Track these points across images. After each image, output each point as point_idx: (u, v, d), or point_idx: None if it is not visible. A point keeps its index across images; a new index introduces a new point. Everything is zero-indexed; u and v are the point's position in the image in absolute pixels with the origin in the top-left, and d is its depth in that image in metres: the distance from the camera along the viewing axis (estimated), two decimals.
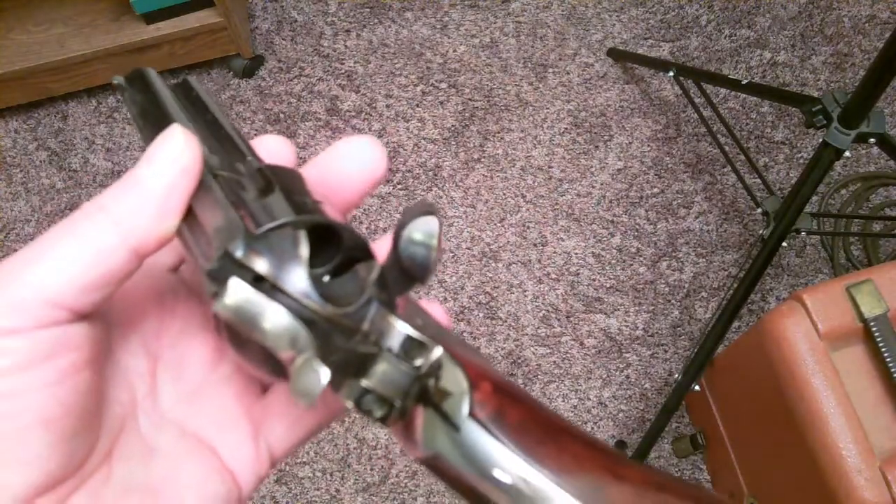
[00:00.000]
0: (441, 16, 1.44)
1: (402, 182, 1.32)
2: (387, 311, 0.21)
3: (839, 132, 0.92)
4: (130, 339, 0.24)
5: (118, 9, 1.31)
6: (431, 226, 0.20)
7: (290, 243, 0.20)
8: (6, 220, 1.36)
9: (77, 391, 0.20)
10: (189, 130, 0.22)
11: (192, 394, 0.25)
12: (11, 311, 0.19)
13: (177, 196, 0.21)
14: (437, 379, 0.21)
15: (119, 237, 0.20)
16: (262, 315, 0.20)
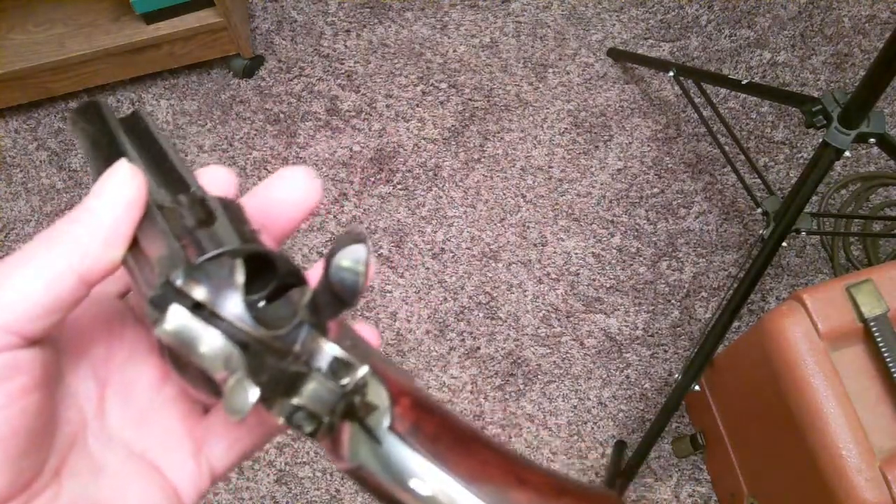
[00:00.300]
0: (441, 16, 1.44)
1: (402, 182, 1.32)
2: (317, 333, 0.23)
3: (839, 132, 0.92)
4: (80, 364, 0.25)
5: (118, 9, 1.31)
6: (360, 253, 0.22)
7: (227, 271, 0.22)
8: (6, 220, 1.36)
9: (26, 413, 0.21)
10: (136, 163, 0.24)
11: (139, 415, 0.26)
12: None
13: (123, 227, 0.23)
14: (363, 396, 0.22)
15: (68, 265, 0.22)
16: (198, 339, 0.21)
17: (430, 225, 1.29)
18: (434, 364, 1.20)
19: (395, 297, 1.24)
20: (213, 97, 1.41)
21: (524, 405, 1.17)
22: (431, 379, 1.19)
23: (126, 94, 1.43)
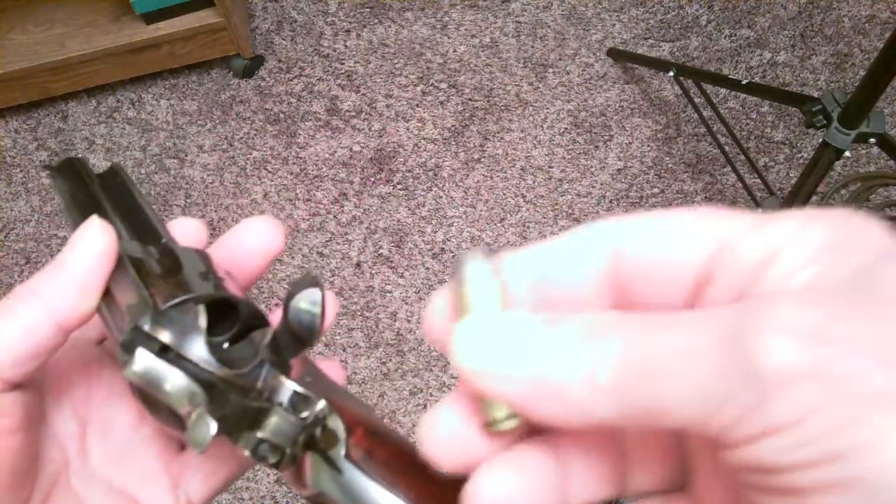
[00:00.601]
0: (441, 16, 1.44)
1: (402, 182, 1.32)
2: (277, 371, 0.24)
3: (839, 132, 0.92)
4: (62, 405, 0.27)
5: (118, 9, 1.31)
6: (315, 296, 0.24)
7: (191, 316, 0.24)
8: (6, 220, 1.36)
9: (10, 452, 0.23)
10: (109, 218, 0.26)
11: (118, 453, 0.28)
12: None
13: (95, 278, 0.24)
14: (323, 428, 0.24)
15: (46, 314, 0.23)
16: (163, 379, 0.23)
17: (430, 225, 1.29)
18: (434, 364, 1.20)
19: (395, 297, 1.24)
20: (213, 97, 1.41)
21: None
22: (431, 379, 1.19)
23: (126, 94, 1.43)
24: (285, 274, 1.28)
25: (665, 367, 0.15)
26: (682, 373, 0.15)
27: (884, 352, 0.13)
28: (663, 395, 0.15)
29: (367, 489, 0.23)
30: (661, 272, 0.17)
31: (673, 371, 0.15)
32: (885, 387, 0.13)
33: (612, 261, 0.18)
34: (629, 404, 0.15)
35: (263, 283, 1.27)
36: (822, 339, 0.14)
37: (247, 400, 0.24)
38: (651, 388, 0.15)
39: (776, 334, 0.14)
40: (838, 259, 0.15)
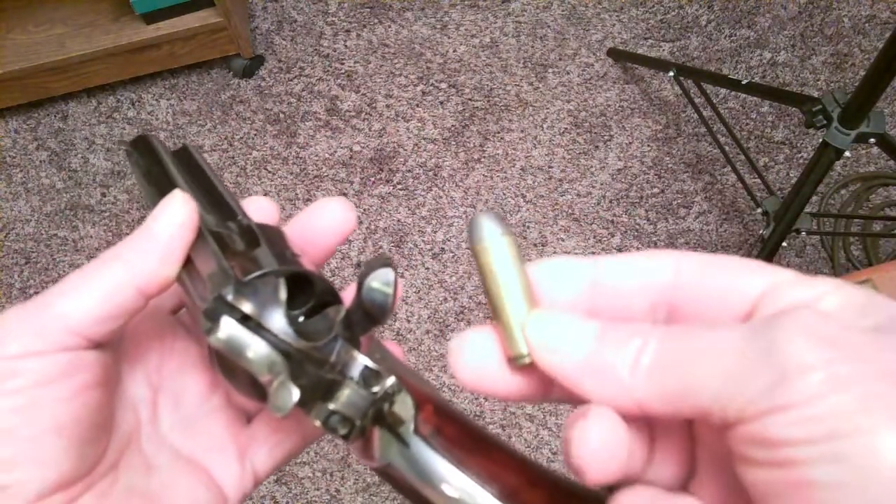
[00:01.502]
0: (441, 16, 1.44)
1: (402, 182, 1.32)
2: (350, 346, 0.25)
3: (839, 132, 0.92)
4: (136, 371, 0.29)
5: (118, 9, 1.31)
6: (389, 276, 0.25)
7: (271, 289, 0.25)
8: (6, 220, 1.36)
9: (87, 406, 0.24)
10: (188, 192, 0.27)
11: (188, 421, 0.30)
12: (38, 337, 0.24)
13: (177, 246, 0.26)
14: (391, 403, 0.25)
15: (129, 278, 0.25)
16: (247, 347, 0.24)
17: (430, 225, 1.29)
18: (434, 364, 1.20)
19: None
20: (213, 97, 1.41)
21: (524, 405, 1.17)
22: (431, 378, 1.19)
23: (126, 94, 1.43)
24: None
25: (700, 354, 0.19)
26: (713, 358, 0.18)
27: (884, 365, 0.17)
28: (695, 376, 0.18)
29: (434, 464, 0.23)
30: (714, 303, 0.21)
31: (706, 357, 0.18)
32: (880, 390, 0.16)
33: (670, 284, 0.21)
34: (664, 385, 0.19)
35: None
36: (836, 346, 0.17)
37: (321, 372, 0.25)
38: (685, 371, 0.19)
39: (800, 333, 0.17)
40: (865, 311, 0.18)
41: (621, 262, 0.22)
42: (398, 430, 0.24)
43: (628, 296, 0.22)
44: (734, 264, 0.21)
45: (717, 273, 0.21)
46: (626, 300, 0.22)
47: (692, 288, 0.21)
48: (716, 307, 0.20)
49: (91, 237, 1.34)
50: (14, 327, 0.24)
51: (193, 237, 0.26)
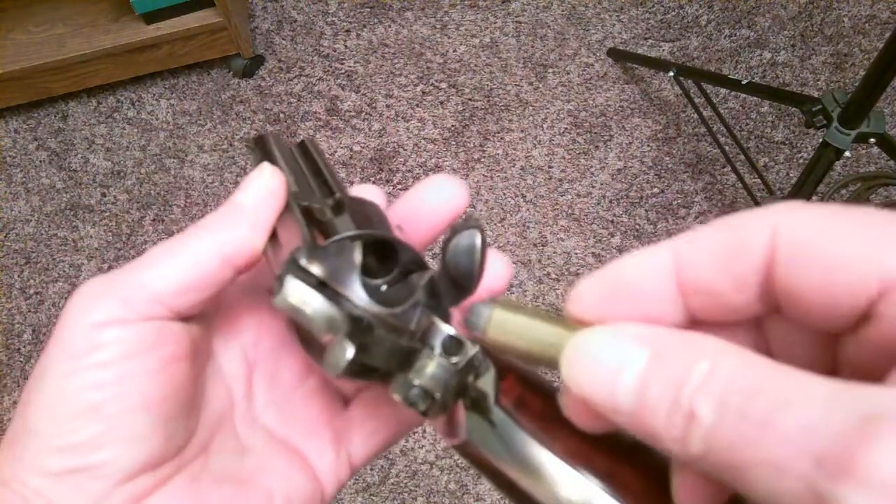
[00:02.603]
0: (441, 16, 1.44)
1: (402, 182, 1.32)
2: (431, 313, 0.24)
3: (839, 132, 0.92)
4: (231, 346, 0.28)
5: (118, 9, 1.31)
6: (475, 239, 0.23)
7: (347, 253, 0.24)
8: (6, 220, 1.36)
9: (175, 379, 0.24)
10: (286, 171, 0.27)
11: (282, 402, 0.28)
12: (122, 305, 0.23)
13: (263, 215, 0.25)
14: (475, 375, 0.23)
15: (215, 247, 0.24)
16: (306, 304, 0.23)
17: None
18: None
19: None
20: (213, 97, 1.41)
21: None
22: None
23: (126, 94, 1.43)
24: None
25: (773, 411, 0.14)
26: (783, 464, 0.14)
27: None
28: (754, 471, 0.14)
29: (519, 442, 0.22)
30: (815, 303, 0.16)
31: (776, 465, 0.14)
32: None
33: (765, 254, 0.16)
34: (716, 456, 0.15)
35: None
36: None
37: (400, 340, 0.23)
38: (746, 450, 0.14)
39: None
40: None
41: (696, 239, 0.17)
42: (482, 404, 0.22)
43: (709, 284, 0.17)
44: (859, 226, 0.15)
45: (833, 241, 0.15)
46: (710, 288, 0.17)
47: (798, 257, 0.15)
48: (833, 286, 0.15)
49: (91, 237, 1.34)
50: (97, 295, 0.23)
51: (280, 207, 0.26)
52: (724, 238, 0.17)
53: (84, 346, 0.22)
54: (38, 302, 1.31)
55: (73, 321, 0.23)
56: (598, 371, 0.17)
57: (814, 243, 0.15)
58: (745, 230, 0.16)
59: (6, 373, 1.27)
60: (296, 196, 0.26)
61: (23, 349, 1.28)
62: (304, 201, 0.26)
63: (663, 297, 0.17)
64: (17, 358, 1.28)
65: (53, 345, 0.23)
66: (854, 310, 0.15)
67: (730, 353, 0.15)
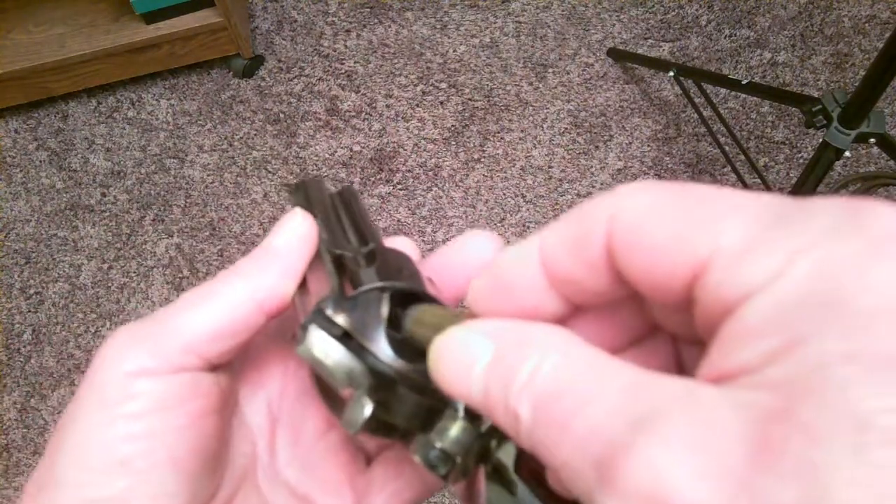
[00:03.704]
0: (441, 16, 1.44)
1: (402, 182, 1.32)
2: None
3: (839, 132, 0.92)
4: (256, 397, 0.27)
5: (118, 9, 1.31)
6: None
7: (375, 305, 0.23)
8: (6, 220, 1.36)
9: (204, 435, 0.23)
10: (322, 219, 0.27)
11: (305, 457, 0.28)
12: (154, 355, 0.22)
13: (295, 260, 0.25)
14: (499, 440, 0.22)
15: (248, 293, 0.24)
16: (327, 355, 0.22)
17: (430, 225, 1.29)
18: None
19: None
20: (213, 97, 1.41)
21: None
22: None
23: (126, 94, 1.43)
24: None
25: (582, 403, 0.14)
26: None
27: None
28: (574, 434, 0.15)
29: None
30: (648, 288, 0.16)
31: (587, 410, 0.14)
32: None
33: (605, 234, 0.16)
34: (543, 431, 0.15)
35: None
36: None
37: (422, 398, 0.22)
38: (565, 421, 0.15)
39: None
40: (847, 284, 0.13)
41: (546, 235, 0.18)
42: (503, 474, 0.21)
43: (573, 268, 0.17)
44: (684, 209, 0.15)
45: (655, 226, 0.15)
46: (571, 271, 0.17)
47: (627, 243, 0.16)
48: (655, 270, 0.15)
49: (91, 237, 1.34)
50: (129, 344, 0.23)
51: (312, 253, 0.25)
52: (573, 227, 0.17)
53: (117, 396, 0.22)
54: (38, 302, 1.31)
55: (106, 369, 0.23)
56: (454, 367, 0.17)
57: (640, 228, 0.16)
58: (588, 218, 0.17)
59: (6, 373, 1.27)
60: (328, 243, 0.26)
61: (23, 349, 1.28)
62: (336, 249, 0.26)
63: (536, 288, 0.18)
64: (17, 358, 1.28)
65: (85, 391, 0.22)
66: (679, 294, 0.15)
67: (554, 350, 0.16)
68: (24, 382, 1.26)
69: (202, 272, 1.30)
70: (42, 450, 1.22)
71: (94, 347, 1.27)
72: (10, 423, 1.24)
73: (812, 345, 0.12)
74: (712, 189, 0.15)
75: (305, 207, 0.28)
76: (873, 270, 0.12)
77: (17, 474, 1.21)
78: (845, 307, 0.12)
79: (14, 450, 1.22)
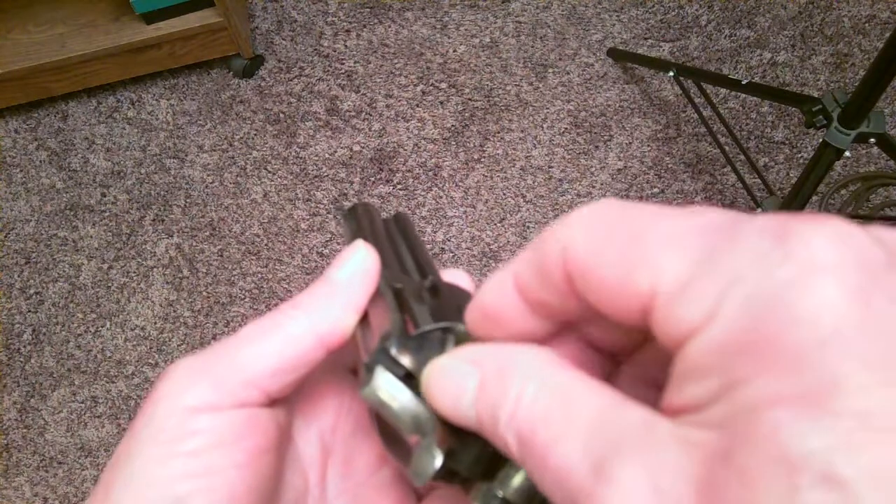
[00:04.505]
0: (441, 16, 1.44)
1: (402, 182, 1.32)
2: None
3: (839, 132, 0.92)
4: (310, 429, 0.27)
5: (118, 9, 1.31)
6: None
7: (438, 345, 0.23)
8: (6, 220, 1.36)
9: (261, 473, 0.23)
10: (384, 252, 0.26)
11: (355, 491, 0.27)
12: (217, 389, 0.22)
13: (357, 293, 0.25)
14: None
15: (309, 326, 0.23)
16: (394, 399, 0.22)
17: (430, 225, 1.29)
18: None
19: None
20: (213, 97, 1.41)
21: None
22: None
23: (126, 94, 1.43)
24: (285, 274, 1.28)
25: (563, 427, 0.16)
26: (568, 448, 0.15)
27: None
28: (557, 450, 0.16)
29: None
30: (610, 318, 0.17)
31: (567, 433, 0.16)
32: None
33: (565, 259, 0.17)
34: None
35: (264, 283, 1.27)
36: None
37: (486, 445, 0.21)
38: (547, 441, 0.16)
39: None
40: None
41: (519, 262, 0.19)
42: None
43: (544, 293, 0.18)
44: (621, 243, 0.16)
45: (602, 264, 0.16)
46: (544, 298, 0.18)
47: (580, 276, 0.17)
48: (608, 302, 0.16)
49: (91, 237, 1.34)
50: (190, 378, 0.22)
51: (373, 287, 0.25)
52: (535, 256, 0.18)
53: (176, 433, 0.22)
54: (38, 302, 1.31)
55: (165, 403, 0.22)
56: (446, 396, 0.19)
57: (588, 264, 0.16)
58: (546, 248, 0.18)
59: (6, 373, 1.27)
60: (387, 275, 0.26)
61: (23, 349, 1.28)
62: (397, 283, 0.25)
63: (519, 313, 0.19)
64: (17, 358, 1.28)
65: (142, 426, 0.22)
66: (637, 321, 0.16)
67: (532, 378, 0.17)
68: (24, 382, 1.26)
69: (202, 272, 1.30)
70: (42, 450, 1.22)
71: (94, 347, 1.27)
72: (10, 423, 1.24)
73: (746, 387, 0.13)
74: (651, 215, 0.16)
75: (360, 235, 0.28)
76: (799, 303, 0.13)
77: (17, 474, 1.21)
78: (774, 346, 0.13)
79: (14, 450, 1.22)
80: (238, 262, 1.30)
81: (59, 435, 1.23)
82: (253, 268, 1.29)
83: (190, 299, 1.28)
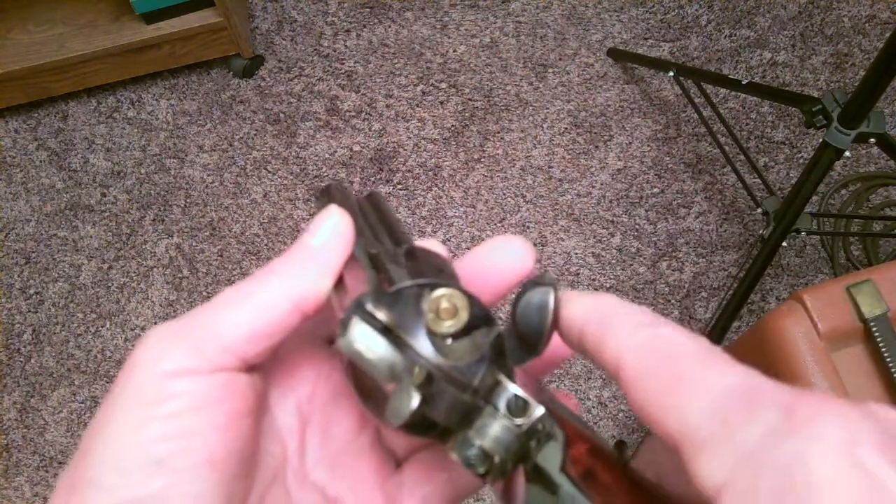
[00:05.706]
0: (441, 16, 1.44)
1: (402, 182, 1.32)
2: (496, 369, 0.23)
3: (839, 132, 0.92)
4: (287, 398, 0.27)
5: (118, 9, 1.31)
6: (547, 297, 0.23)
7: (415, 302, 0.23)
8: (6, 220, 1.36)
9: (240, 436, 0.23)
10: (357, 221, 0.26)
11: (335, 459, 0.27)
12: (194, 354, 0.22)
13: (332, 257, 0.25)
14: (539, 441, 0.22)
15: (283, 292, 0.24)
16: (370, 349, 0.22)
17: (430, 225, 1.29)
18: None
19: None
20: (213, 97, 1.41)
21: None
22: None
23: (126, 94, 1.43)
24: None
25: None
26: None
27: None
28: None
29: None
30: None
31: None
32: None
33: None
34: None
35: None
36: None
37: (461, 395, 0.22)
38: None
39: None
40: None
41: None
42: (544, 474, 0.21)
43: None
44: (663, 375, 0.19)
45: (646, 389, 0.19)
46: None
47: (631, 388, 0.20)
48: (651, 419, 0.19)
49: (91, 237, 1.34)
50: (168, 342, 0.22)
51: (348, 250, 0.25)
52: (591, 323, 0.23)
53: (153, 396, 0.22)
54: (38, 302, 1.31)
55: (142, 368, 0.22)
56: (572, 318, 0.22)
57: (636, 385, 0.20)
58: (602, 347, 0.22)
59: (6, 373, 1.27)
60: (363, 243, 0.26)
61: (23, 349, 1.28)
62: (373, 248, 0.26)
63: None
64: (17, 358, 1.28)
65: (119, 392, 0.22)
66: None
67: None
68: (24, 382, 1.26)
69: (202, 272, 1.30)
70: (42, 450, 1.22)
71: (94, 347, 1.27)
72: (10, 423, 1.24)
73: None
74: (692, 353, 0.19)
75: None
76: (801, 476, 0.15)
77: (16, 474, 1.21)
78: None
79: (14, 450, 1.22)
80: (238, 262, 1.30)
81: (59, 435, 1.23)
82: (253, 268, 1.29)
83: (190, 299, 1.28)
